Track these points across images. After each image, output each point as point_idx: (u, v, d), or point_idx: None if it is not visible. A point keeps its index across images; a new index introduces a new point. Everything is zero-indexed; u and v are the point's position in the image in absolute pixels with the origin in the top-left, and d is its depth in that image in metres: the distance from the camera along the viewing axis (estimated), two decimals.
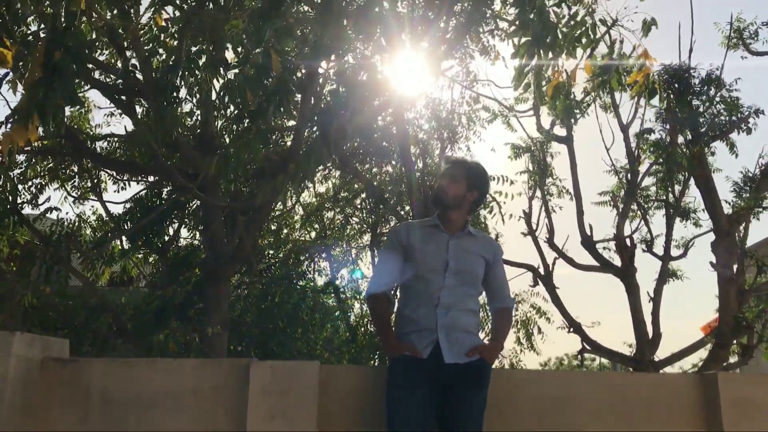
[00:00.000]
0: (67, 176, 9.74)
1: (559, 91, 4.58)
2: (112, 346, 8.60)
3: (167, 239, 10.39)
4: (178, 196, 8.79)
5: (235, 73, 3.70)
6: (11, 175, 8.50)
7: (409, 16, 6.82)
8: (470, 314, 3.08)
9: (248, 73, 3.64)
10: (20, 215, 7.89)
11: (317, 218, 13.69)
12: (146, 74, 5.08)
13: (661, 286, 11.25)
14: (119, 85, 6.87)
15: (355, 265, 14.00)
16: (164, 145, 7.29)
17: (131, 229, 9.30)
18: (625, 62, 4.79)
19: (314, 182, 12.41)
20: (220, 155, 3.75)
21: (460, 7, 6.34)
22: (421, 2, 6.99)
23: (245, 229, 6.77)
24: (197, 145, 7.68)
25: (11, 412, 2.82)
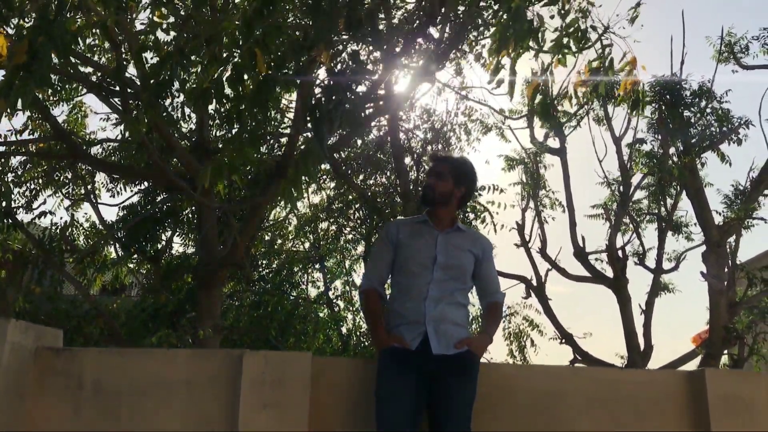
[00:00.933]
0: (61, 183, 9.74)
1: (537, 90, 4.65)
2: None
3: (160, 247, 10.38)
4: (172, 194, 8.77)
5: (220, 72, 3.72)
6: (5, 178, 8.48)
7: (402, 24, 6.90)
8: (459, 307, 3.11)
9: (231, 73, 3.67)
10: (14, 219, 7.86)
11: (312, 229, 13.70)
12: (139, 69, 5.11)
13: (652, 298, 11.29)
14: (113, 84, 6.90)
15: (348, 276, 14.00)
16: (159, 149, 7.31)
17: (124, 234, 9.29)
18: (610, 76, 4.82)
19: (308, 193, 12.44)
20: (213, 163, 3.77)
21: (452, 14, 6.41)
22: (415, 11, 7.07)
23: (239, 232, 6.78)
24: (192, 150, 7.70)
25: (4, 399, 2.83)
